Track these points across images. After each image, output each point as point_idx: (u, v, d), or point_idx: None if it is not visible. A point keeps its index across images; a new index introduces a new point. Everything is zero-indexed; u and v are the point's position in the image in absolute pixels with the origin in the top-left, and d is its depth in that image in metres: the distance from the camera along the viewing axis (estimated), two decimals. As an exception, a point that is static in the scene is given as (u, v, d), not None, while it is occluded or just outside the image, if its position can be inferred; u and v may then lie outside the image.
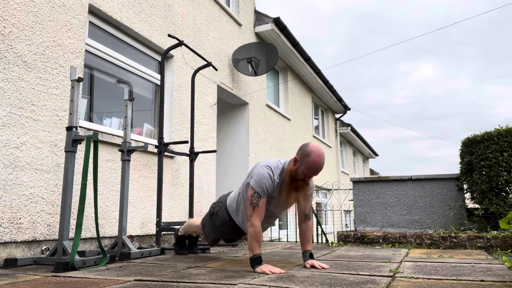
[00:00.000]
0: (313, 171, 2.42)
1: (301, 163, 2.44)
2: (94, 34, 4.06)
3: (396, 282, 2.04)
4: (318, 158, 2.39)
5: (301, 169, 2.44)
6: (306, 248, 2.67)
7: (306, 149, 2.43)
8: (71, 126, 2.76)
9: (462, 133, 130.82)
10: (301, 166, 2.43)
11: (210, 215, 2.93)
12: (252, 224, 2.43)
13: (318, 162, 2.40)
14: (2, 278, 2.20)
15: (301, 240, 2.70)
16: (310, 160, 2.39)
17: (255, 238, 2.41)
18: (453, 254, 3.46)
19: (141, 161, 4.31)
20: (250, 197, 2.48)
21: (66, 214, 2.68)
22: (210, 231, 2.94)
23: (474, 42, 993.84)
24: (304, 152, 2.43)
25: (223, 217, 2.84)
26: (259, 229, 2.42)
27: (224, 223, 2.84)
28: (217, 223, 2.87)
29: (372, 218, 5.11)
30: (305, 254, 2.66)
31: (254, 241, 2.41)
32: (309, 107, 10.88)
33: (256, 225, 2.42)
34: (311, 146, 2.43)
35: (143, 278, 2.16)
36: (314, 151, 2.40)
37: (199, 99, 5.57)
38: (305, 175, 2.45)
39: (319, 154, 2.40)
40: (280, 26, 7.71)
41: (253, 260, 2.41)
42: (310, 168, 2.41)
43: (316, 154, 2.39)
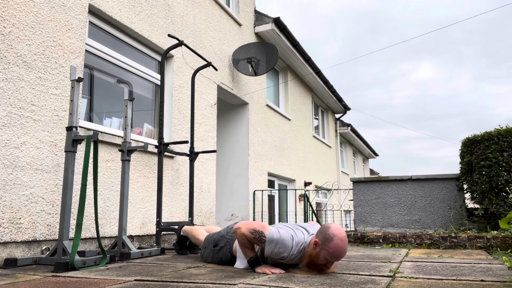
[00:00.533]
0: (336, 257, 2.24)
1: (322, 247, 2.25)
2: (94, 34, 4.06)
3: (396, 282, 2.04)
4: (341, 243, 2.21)
5: (323, 255, 2.25)
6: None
7: (328, 233, 2.24)
8: (71, 126, 2.76)
9: (462, 133, 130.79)
10: (322, 251, 2.25)
11: (214, 245, 2.84)
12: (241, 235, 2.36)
13: (342, 247, 2.21)
14: (2, 278, 2.20)
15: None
16: (332, 246, 2.20)
17: (245, 246, 2.39)
18: (453, 254, 3.46)
19: (141, 161, 4.31)
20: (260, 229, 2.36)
21: (66, 214, 2.68)
22: (208, 256, 2.90)
23: (474, 42, 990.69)
24: (325, 236, 2.24)
25: (225, 256, 2.76)
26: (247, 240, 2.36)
27: (225, 260, 2.77)
28: (219, 257, 2.81)
29: (372, 218, 5.11)
30: None
31: (244, 248, 2.40)
32: (309, 107, 10.88)
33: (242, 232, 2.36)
34: (332, 230, 2.25)
35: (143, 278, 2.16)
36: (336, 235, 2.22)
37: (199, 99, 5.57)
38: (327, 260, 2.26)
39: (342, 238, 2.22)
40: (280, 26, 7.71)
41: (252, 262, 2.40)
42: (333, 255, 2.22)
43: (339, 238, 2.21)
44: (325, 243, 2.23)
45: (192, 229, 3.37)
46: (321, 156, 11.75)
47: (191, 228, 3.39)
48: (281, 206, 8.64)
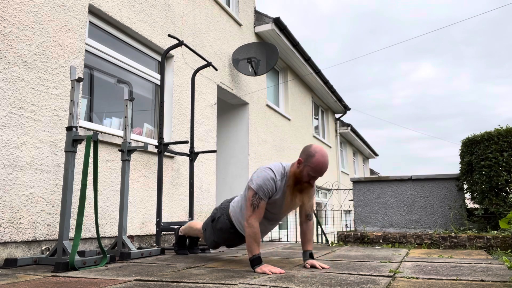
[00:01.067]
0: (318, 171, 2.42)
1: (305, 164, 2.43)
2: (94, 34, 4.06)
3: (396, 282, 2.04)
4: (322, 158, 2.40)
5: (306, 171, 2.43)
6: (307, 248, 2.68)
7: (310, 150, 2.43)
8: (71, 126, 2.76)
9: (463, 133, 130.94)
10: (305, 167, 2.43)
11: (212, 220, 2.89)
12: (251, 225, 2.43)
13: (323, 162, 2.41)
14: (2, 278, 2.20)
15: (302, 240, 2.71)
16: (314, 161, 2.40)
17: (254, 239, 2.42)
18: (453, 254, 3.46)
19: (141, 161, 4.31)
20: (251, 198, 2.48)
21: (66, 214, 2.68)
22: (211, 236, 2.92)
23: (475, 42, 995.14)
24: (308, 154, 2.43)
25: (224, 224, 2.81)
26: (258, 230, 2.44)
27: (226, 230, 2.81)
28: (218, 229, 2.84)
29: (372, 218, 5.11)
30: (305, 254, 2.67)
31: (253, 241, 2.42)
32: (309, 107, 10.88)
33: (255, 226, 2.43)
34: (314, 147, 2.44)
35: (143, 278, 2.16)
36: (318, 151, 2.41)
37: (199, 99, 5.57)
38: (310, 176, 2.45)
39: (323, 154, 2.41)
40: (280, 26, 7.71)
41: (253, 260, 2.42)
42: (315, 169, 2.41)
43: (321, 154, 2.40)
44: (308, 160, 2.42)
45: (188, 224, 3.39)
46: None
47: (187, 224, 3.41)
48: (281, 206, 8.63)
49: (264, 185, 2.48)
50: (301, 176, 2.46)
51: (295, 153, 9.34)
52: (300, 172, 2.46)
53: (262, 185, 2.48)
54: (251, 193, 2.49)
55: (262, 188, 2.47)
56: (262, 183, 2.48)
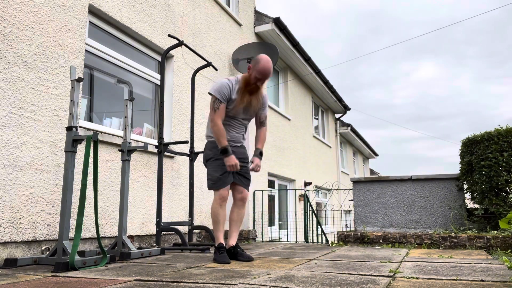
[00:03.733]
0: (263, 74, 2.93)
1: (253, 69, 2.95)
2: (94, 34, 4.06)
3: (396, 282, 2.04)
4: (267, 63, 2.92)
5: (254, 75, 2.95)
6: (258, 146, 3.20)
7: (257, 58, 2.96)
8: (71, 126, 2.76)
9: (464, 133, 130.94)
10: (253, 72, 2.95)
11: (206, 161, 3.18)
12: (215, 124, 2.95)
13: (267, 66, 2.92)
14: (2, 278, 2.20)
15: (256, 141, 3.23)
16: (260, 65, 2.92)
17: (220, 133, 2.94)
18: (453, 254, 3.46)
19: (141, 161, 4.31)
20: (212, 103, 2.99)
21: (66, 214, 2.68)
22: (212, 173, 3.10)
23: (476, 41, 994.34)
24: (255, 61, 2.96)
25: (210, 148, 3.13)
26: (221, 126, 2.96)
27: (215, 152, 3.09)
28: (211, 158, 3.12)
29: (372, 218, 5.11)
30: (256, 152, 3.17)
31: (219, 135, 2.94)
32: (309, 107, 10.88)
33: (218, 123, 2.95)
34: (261, 56, 2.97)
35: (143, 278, 2.16)
36: (263, 58, 2.94)
37: (199, 99, 5.57)
38: (257, 79, 2.96)
39: (267, 60, 2.93)
40: (280, 26, 7.71)
41: (223, 150, 2.93)
42: (260, 72, 2.92)
43: (265, 61, 2.93)
44: (255, 66, 2.94)
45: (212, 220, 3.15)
46: (321, 156, 11.75)
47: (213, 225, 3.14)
48: (281, 206, 8.64)
49: (220, 89, 2.99)
50: (249, 79, 2.99)
51: (295, 153, 9.34)
52: (249, 76, 2.99)
53: (219, 89, 2.99)
54: (212, 99, 3.00)
55: (220, 91, 2.99)
56: (219, 87, 3.00)
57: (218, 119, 2.98)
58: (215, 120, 2.97)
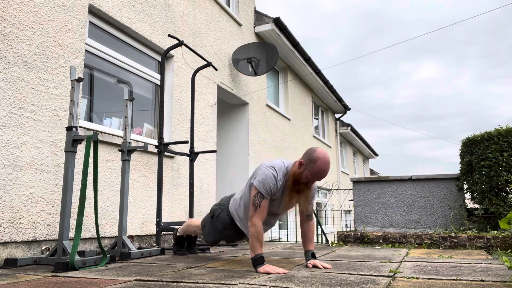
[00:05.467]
0: (318, 177, 2.44)
1: (306, 167, 2.44)
2: (94, 34, 4.06)
3: (396, 282, 2.04)
4: (324, 165, 2.41)
5: (305, 174, 2.45)
6: (308, 248, 2.69)
7: (313, 155, 2.43)
8: (71, 126, 2.76)
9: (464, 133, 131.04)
10: (305, 170, 2.44)
11: (211, 216, 2.90)
12: (254, 224, 2.44)
13: (324, 169, 2.41)
14: (2, 278, 2.20)
15: (303, 240, 2.71)
16: (315, 166, 2.41)
17: (257, 238, 2.42)
18: (453, 254, 3.46)
19: (141, 161, 4.31)
20: (253, 197, 2.49)
21: (66, 214, 2.68)
22: (210, 232, 2.92)
23: (477, 41, 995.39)
24: (310, 158, 2.43)
25: (224, 220, 2.81)
26: (261, 229, 2.44)
27: (225, 226, 2.82)
28: (218, 226, 2.84)
29: (372, 218, 5.11)
30: (307, 254, 2.68)
31: (256, 241, 2.42)
32: (309, 107, 10.88)
33: (258, 225, 2.44)
34: (318, 152, 2.43)
35: (143, 278, 2.16)
36: (320, 157, 2.41)
37: (199, 99, 5.57)
38: (309, 179, 2.47)
39: (325, 161, 2.41)
40: (280, 26, 7.71)
41: (256, 260, 2.41)
42: (315, 174, 2.43)
43: (323, 161, 2.41)
44: (309, 164, 2.43)
45: (186, 222, 3.38)
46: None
47: (185, 223, 3.40)
48: (281, 206, 8.62)
49: (267, 184, 2.48)
50: (300, 177, 2.48)
51: (295, 153, 9.34)
52: (300, 174, 2.47)
53: (265, 183, 2.48)
54: (253, 192, 2.49)
55: (265, 187, 2.48)
56: (265, 181, 2.48)
57: (259, 219, 2.45)
58: (254, 221, 2.44)
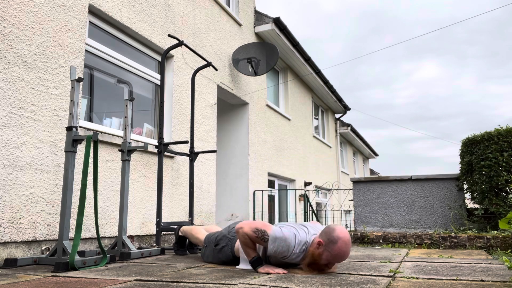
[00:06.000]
0: (338, 259, 2.26)
1: (325, 249, 2.25)
2: (94, 34, 4.06)
3: (396, 282, 2.04)
4: (344, 246, 2.21)
5: (325, 256, 2.25)
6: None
7: (333, 236, 2.23)
8: (71, 126, 2.76)
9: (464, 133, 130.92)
10: (325, 252, 2.25)
11: (215, 244, 2.83)
12: (242, 233, 2.38)
13: (345, 251, 2.22)
14: (2, 278, 2.20)
15: None
16: (335, 248, 2.21)
17: (248, 246, 2.39)
18: (453, 254, 3.46)
19: (141, 161, 4.31)
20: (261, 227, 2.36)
21: (66, 214, 2.68)
22: (209, 256, 2.88)
23: (477, 41, 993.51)
24: (330, 238, 2.23)
25: (227, 255, 2.75)
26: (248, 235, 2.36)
27: (226, 260, 2.77)
28: (219, 257, 2.80)
29: (372, 218, 5.11)
30: None
31: (247, 247, 2.40)
32: (309, 107, 10.88)
33: (245, 232, 2.36)
34: (338, 232, 2.23)
35: (143, 278, 2.16)
36: (341, 238, 2.21)
37: (199, 99, 5.57)
38: (329, 261, 2.27)
39: (346, 241, 2.21)
40: (280, 26, 7.71)
41: (254, 262, 2.40)
42: (336, 257, 2.23)
43: (343, 241, 2.21)
44: (329, 245, 2.22)
45: (191, 228, 3.37)
46: (321, 156, 11.75)
47: (190, 228, 3.39)
48: (281, 206, 8.64)
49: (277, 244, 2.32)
50: (319, 258, 2.28)
51: (295, 153, 9.34)
52: (319, 255, 2.27)
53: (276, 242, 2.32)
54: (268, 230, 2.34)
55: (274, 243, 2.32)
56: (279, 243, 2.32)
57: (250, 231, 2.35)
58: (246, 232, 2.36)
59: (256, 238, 2.36)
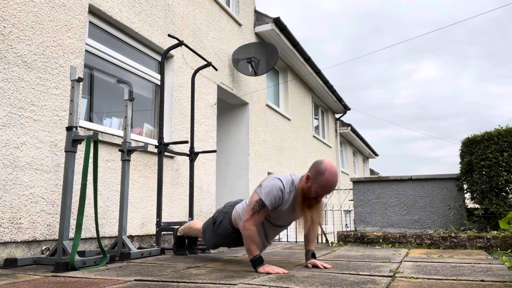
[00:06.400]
0: (327, 189, 2.38)
1: (314, 181, 2.39)
2: (94, 34, 4.06)
3: (396, 282, 2.04)
4: (332, 177, 2.35)
5: (314, 188, 2.39)
6: (309, 247, 2.67)
7: (320, 167, 2.38)
8: (71, 126, 2.76)
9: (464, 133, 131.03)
10: (314, 184, 2.39)
11: (213, 223, 2.85)
12: (247, 228, 2.42)
13: (332, 181, 2.35)
14: (2, 278, 2.20)
15: (305, 240, 2.70)
16: (324, 179, 2.35)
17: (252, 241, 2.41)
18: (453, 254, 3.46)
19: (141, 161, 4.31)
20: (254, 202, 2.44)
21: (66, 214, 2.68)
22: (211, 238, 2.89)
23: (478, 41, 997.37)
24: (317, 170, 2.38)
25: (226, 228, 2.76)
26: (255, 232, 2.42)
27: (227, 234, 2.77)
28: (220, 233, 2.80)
29: (372, 218, 5.11)
30: (308, 253, 2.67)
31: (251, 243, 2.41)
32: (309, 107, 10.88)
33: (252, 229, 2.41)
34: (325, 164, 2.38)
35: (143, 278, 2.16)
36: (328, 169, 2.35)
37: (199, 99, 5.57)
38: (318, 193, 2.41)
39: (333, 172, 2.35)
40: (280, 26, 7.71)
41: (254, 261, 2.40)
42: (324, 187, 2.37)
43: (330, 172, 2.35)
44: (317, 177, 2.37)
45: (188, 224, 3.38)
46: (321, 156, 11.74)
47: (187, 224, 3.39)
48: (281, 206, 8.63)
49: (271, 195, 2.42)
50: (309, 192, 2.41)
51: (295, 153, 9.34)
52: (308, 188, 2.41)
53: (270, 194, 2.42)
54: (255, 198, 2.45)
55: (269, 197, 2.42)
56: (270, 192, 2.43)
57: (252, 225, 2.42)
58: (248, 225, 2.42)
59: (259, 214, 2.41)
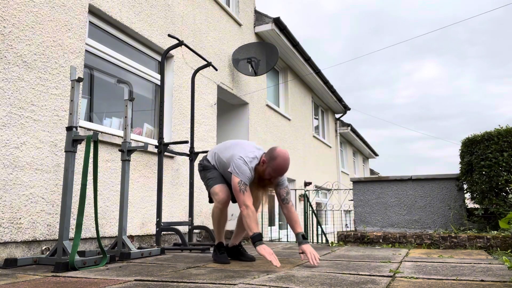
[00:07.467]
0: (278, 173, 2.69)
1: (268, 165, 2.69)
2: (94, 34, 4.06)
3: (396, 282, 2.04)
4: (283, 161, 2.66)
5: (268, 171, 2.70)
6: (297, 230, 2.81)
7: (273, 153, 2.69)
8: (71, 126, 2.76)
9: (464, 133, 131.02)
10: (267, 168, 2.69)
11: (204, 169, 3.04)
12: (246, 206, 2.64)
13: (283, 165, 2.67)
14: (2, 278, 2.20)
15: (290, 224, 2.86)
16: (275, 163, 2.66)
17: (251, 217, 2.60)
18: (453, 254, 3.46)
19: (141, 161, 4.31)
20: (237, 184, 2.68)
21: (66, 214, 2.68)
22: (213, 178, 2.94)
23: (478, 41, 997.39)
24: (271, 156, 2.69)
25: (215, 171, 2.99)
26: (253, 209, 2.64)
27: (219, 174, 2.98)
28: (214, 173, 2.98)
29: (372, 218, 5.11)
30: (298, 236, 2.78)
31: (251, 220, 2.59)
32: (309, 107, 10.88)
33: (250, 205, 2.63)
34: (277, 151, 2.69)
35: (143, 278, 2.16)
36: (280, 155, 2.66)
37: (199, 99, 5.57)
38: (271, 176, 2.71)
39: (285, 157, 2.67)
40: (280, 26, 7.71)
41: (254, 237, 2.55)
42: (275, 170, 2.68)
43: (282, 157, 2.66)
44: (270, 162, 2.68)
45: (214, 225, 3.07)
46: (321, 156, 11.75)
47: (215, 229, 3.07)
48: (281, 206, 8.62)
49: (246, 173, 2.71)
50: (263, 174, 2.73)
51: (295, 153, 9.34)
52: (263, 171, 2.72)
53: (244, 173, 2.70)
54: (236, 180, 2.70)
55: (244, 176, 2.70)
56: (245, 172, 2.71)
57: (248, 199, 2.65)
58: (246, 202, 2.64)
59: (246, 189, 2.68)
